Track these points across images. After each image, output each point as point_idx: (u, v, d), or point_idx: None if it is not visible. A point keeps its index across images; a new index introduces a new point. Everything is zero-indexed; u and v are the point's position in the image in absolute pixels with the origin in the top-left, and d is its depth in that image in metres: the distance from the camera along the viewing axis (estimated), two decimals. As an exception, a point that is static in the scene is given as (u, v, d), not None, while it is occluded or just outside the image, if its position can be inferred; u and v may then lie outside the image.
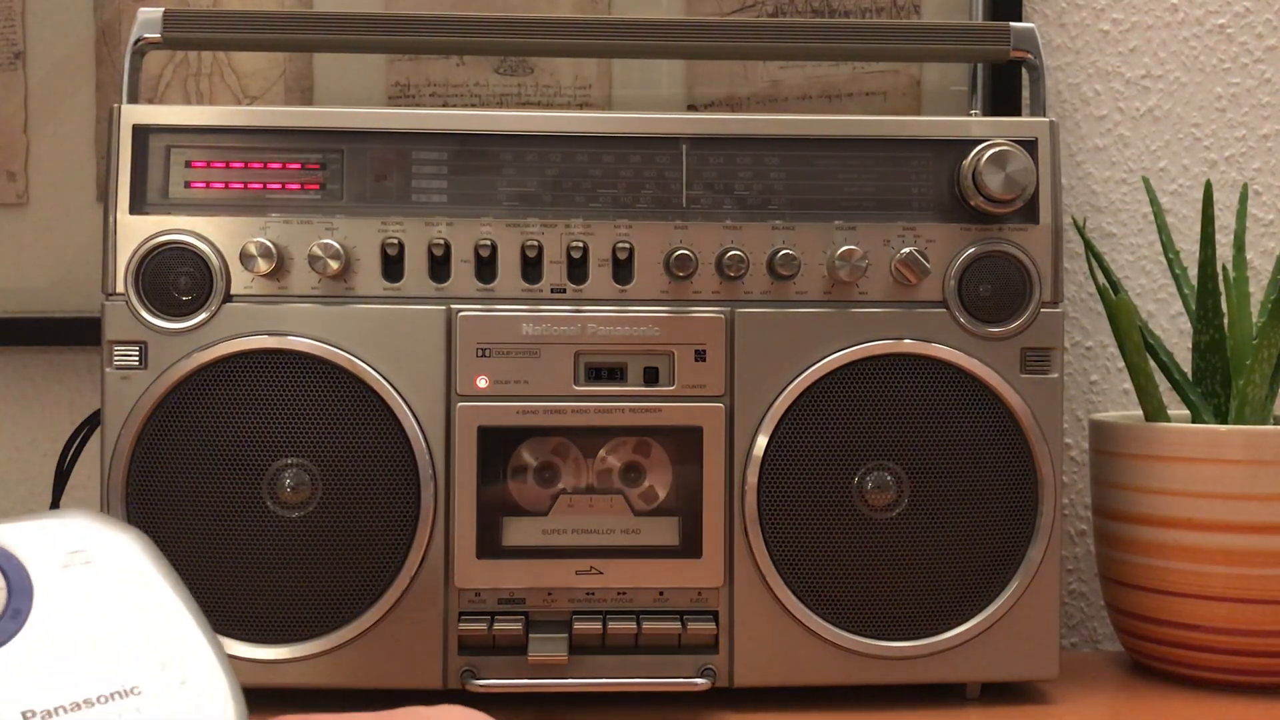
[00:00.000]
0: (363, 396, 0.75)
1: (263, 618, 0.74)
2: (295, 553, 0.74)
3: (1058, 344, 0.78)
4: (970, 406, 0.77)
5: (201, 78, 0.99)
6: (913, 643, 0.77)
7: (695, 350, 0.76)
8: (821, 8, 1.00)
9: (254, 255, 0.74)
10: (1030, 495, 0.77)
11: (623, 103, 1.00)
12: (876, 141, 0.78)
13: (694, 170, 0.77)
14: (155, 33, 0.80)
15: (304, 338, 0.75)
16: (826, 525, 0.76)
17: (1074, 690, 0.81)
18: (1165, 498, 0.81)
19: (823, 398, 0.76)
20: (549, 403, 0.76)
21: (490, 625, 0.75)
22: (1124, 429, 0.84)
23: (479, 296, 0.76)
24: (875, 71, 1.00)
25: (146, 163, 0.76)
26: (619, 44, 0.84)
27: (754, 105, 1.00)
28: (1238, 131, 1.02)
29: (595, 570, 0.76)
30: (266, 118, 0.77)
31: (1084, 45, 1.02)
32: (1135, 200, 1.02)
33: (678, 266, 0.75)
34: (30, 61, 0.99)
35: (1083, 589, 1.02)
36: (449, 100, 0.99)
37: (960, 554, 0.77)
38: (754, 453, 0.76)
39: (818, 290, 0.77)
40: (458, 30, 0.81)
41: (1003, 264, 0.77)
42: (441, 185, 0.77)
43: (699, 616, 0.76)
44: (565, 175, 0.77)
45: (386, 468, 0.74)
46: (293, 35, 0.82)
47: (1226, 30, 1.02)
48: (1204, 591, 0.80)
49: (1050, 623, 0.77)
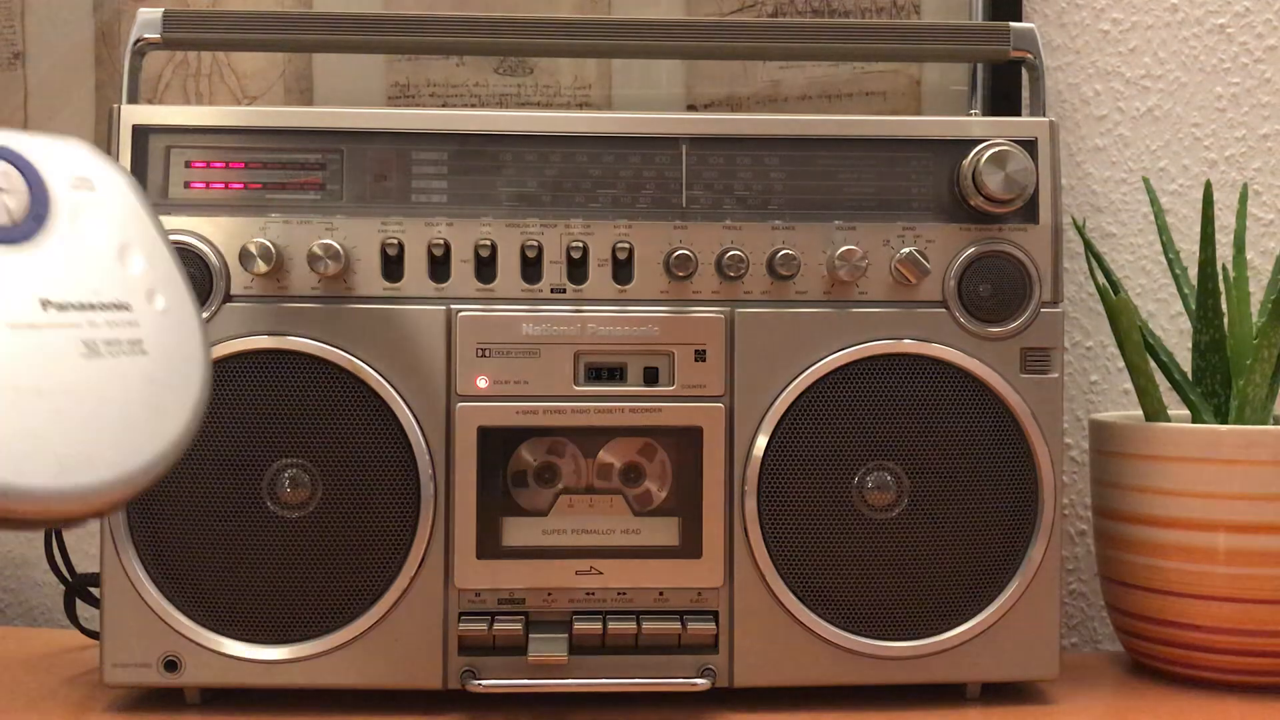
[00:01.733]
0: (363, 396, 0.75)
1: (263, 618, 0.74)
2: (295, 553, 0.74)
3: (1058, 344, 0.78)
4: (970, 406, 0.77)
5: (201, 78, 0.99)
6: (913, 643, 0.77)
7: (695, 350, 0.76)
8: (821, 8, 1.00)
9: (254, 255, 0.74)
10: (1030, 495, 0.77)
11: (623, 103, 1.00)
12: (876, 141, 0.78)
13: (694, 170, 0.77)
14: (155, 33, 0.80)
15: (304, 338, 0.75)
16: (826, 525, 0.76)
17: (1074, 690, 0.81)
18: (1165, 498, 0.81)
19: (823, 398, 0.76)
20: (549, 403, 0.76)
21: (490, 625, 0.75)
22: (1124, 429, 0.84)
23: (479, 296, 0.76)
24: (875, 71, 1.00)
25: (146, 163, 0.76)
26: (619, 44, 0.84)
27: (754, 105, 1.00)
28: (1238, 131, 1.02)
29: (595, 570, 0.76)
30: (266, 118, 0.77)
31: (1084, 45, 1.02)
32: (1135, 200, 1.02)
33: (678, 266, 0.76)
34: (30, 61, 0.99)
35: (1083, 589, 1.02)
36: (449, 100, 0.99)
37: (960, 554, 0.77)
38: (754, 453, 0.76)
39: (818, 290, 0.77)
40: (458, 30, 0.81)
41: (1003, 264, 0.77)
42: (441, 185, 0.77)
43: (699, 616, 0.76)
44: (565, 175, 0.77)
45: (386, 468, 0.74)
46: (293, 35, 0.82)
47: (1226, 30, 1.02)
48: (1204, 591, 0.80)
49: (1050, 623, 0.77)
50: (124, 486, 0.50)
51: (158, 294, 0.55)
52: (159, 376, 0.53)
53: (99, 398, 0.50)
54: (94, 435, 0.50)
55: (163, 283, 0.56)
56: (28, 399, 0.48)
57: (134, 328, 0.53)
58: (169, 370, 0.54)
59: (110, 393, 0.51)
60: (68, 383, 0.49)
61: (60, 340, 0.50)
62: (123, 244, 0.55)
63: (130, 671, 0.74)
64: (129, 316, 0.53)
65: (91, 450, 0.49)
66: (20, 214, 0.51)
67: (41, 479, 0.47)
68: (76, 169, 0.54)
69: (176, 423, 0.54)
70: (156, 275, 0.55)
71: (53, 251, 0.51)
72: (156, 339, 0.54)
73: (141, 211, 0.57)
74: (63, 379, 0.49)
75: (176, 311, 0.56)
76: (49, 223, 0.52)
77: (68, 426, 0.49)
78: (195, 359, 0.56)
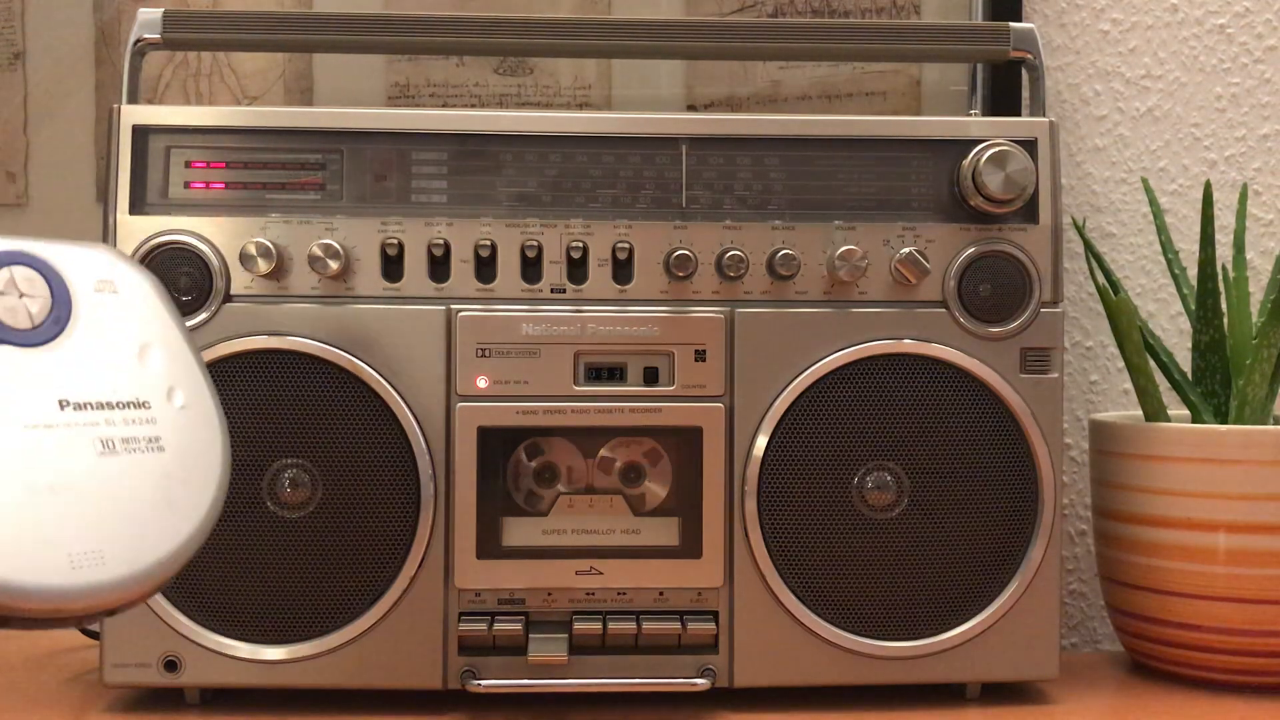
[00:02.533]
0: (363, 396, 0.75)
1: (263, 618, 0.74)
2: (295, 553, 0.74)
3: (1058, 344, 0.78)
4: (970, 406, 0.77)
5: (201, 78, 0.99)
6: (913, 643, 0.77)
7: (695, 350, 0.76)
8: (821, 8, 1.00)
9: (254, 255, 0.74)
10: (1030, 495, 0.77)
11: (622, 103, 1.00)
12: (876, 141, 0.78)
13: (694, 170, 0.77)
14: (155, 33, 0.80)
15: (304, 338, 0.75)
16: (826, 525, 0.76)
17: (1074, 690, 0.81)
18: (1165, 498, 0.81)
19: (823, 398, 0.76)
20: (549, 403, 0.76)
21: (490, 625, 0.75)
22: (1124, 429, 0.84)
23: (479, 296, 0.76)
24: (875, 72, 1.00)
25: (146, 163, 0.76)
26: (619, 44, 0.84)
27: (754, 105, 1.00)
28: (1238, 131, 1.02)
29: (595, 570, 0.76)
30: (266, 118, 0.77)
31: (1084, 45, 1.02)
32: (1135, 200, 1.02)
33: (677, 266, 0.76)
34: (30, 61, 0.99)
35: (1083, 589, 1.02)
36: (449, 100, 0.99)
37: (960, 554, 0.77)
38: (754, 453, 0.76)
39: (817, 290, 0.77)
40: (458, 30, 0.81)
41: (1002, 264, 0.77)
42: (441, 185, 0.77)
43: (699, 616, 0.76)
44: (565, 175, 0.77)
45: (386, 468, 0.74)
46: (293, 35, 0.82)
47: (1226, 30, 1.02)
48: (1204, 591, 0.80)
49: (1050, 623, 0.77)
50: (137, 583, 0.51)
51: (177, 391, 0.56)
52: (176, 472, 0.55)
53: (113, 495, 0.52)
54: (108, 532, 0.51)
55: (183, 380, 0.57)
56: (40, 497, 0.49)
57: (152, 425, 0.54)
58: (186, 466, 0.55)
59: (125, 490, 0.52)
60: (82, 480, 0.51)
61: (76, 438, 0.51)
62: (143, 343, 0.56)
63: (130, 671, 0.74)
64: (147, 414, 0.54)
65: (105, 547, 0.50)
66: (41, 317, 0.53)
67: (53, 577, 0.48)
68: (100, 273, 0.56)
69: (192, 519, 0.55)
70: (176, 373, 0.57)
71: (72, 352, 0.53)
72: (175, 436, 0.55)
73: (163, 310, 0.58)
74: (77, 477, 0.51)
75: (196, 408, 0.57)
76: (70, 325, 0.54)
77: (81, 524, 0.50)
78: (214, 454, 0.57)
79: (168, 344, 0.57)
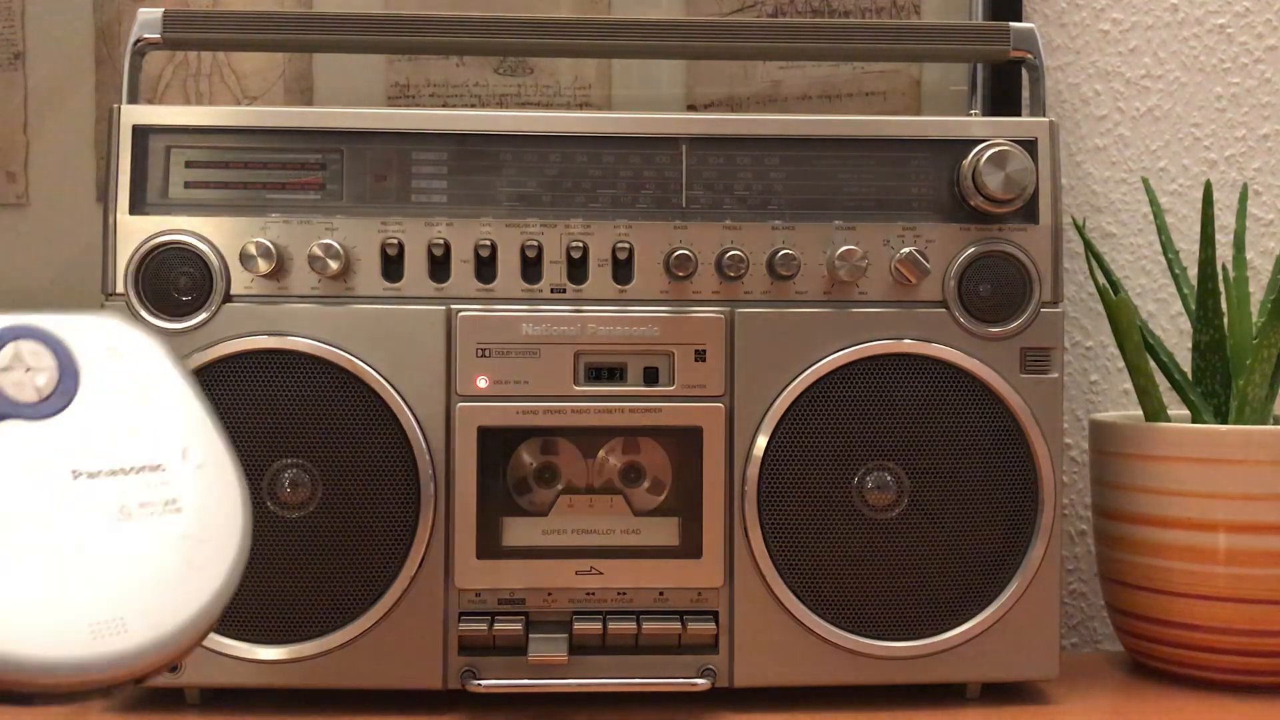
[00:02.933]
0: (363, 396, 0.75)
1: (262, 618, 0.74)
2: (295, 553, 0.74)
3: (1058, 344, 0.78)
4: (970, 406, 0.77)
5: (201, 78, 0.99)
6: (913, 643, 0.77)
7: (695, 350, 0.76)
8: (821, 8, 1.00)
9: (254, 255, 0.74)
10: (1030, 495, 0.77)
11: (623, 103, 1.00)
12: (876, 141, 0.78)
13: (694, 170, 0.77)
14: (155, 33, 0.80)
15: (304, 338, 0.75)
16: (826, 525, 0.76)
17: (1074, 690, 0.81)
18: (1165, 498, 0.81)
19: (823, 398, 0.76)
20: (549, 403, 0.76)
21: (490, 625, 0.75)
22: (1124, 429, 0.84)
23: (479, 296, 0.76)
24: (875, 72, 1.00)
25: (146, 163, 0.76)
26: (619, 44, 0.84)
27: (754, 105, 1.00)
28: (1238, 131, 1.02)
29: (595, 570, 0.76)
30: (266, 118, 0.77)
31: (1084, 45, 1.02)
32: (1135, 200, 1.02)
33: (677, 266, 0.76)
34: (30, 61, 0.99)
35: (1083, 589, 1.02)
36: (449, 100, 0.99)
37: (960, 554, 0.77)
38: (754, 453, 0.76)
39: (817, 290, 0.77)
40: (458, 30, 0.81)
41: (1003, 264, 0.77)
42: (441, 185, 0.77)
43: (699, 616, 0.76)
44: (565, 175, 0.77)
45: (386, 468, 0.74)
46: (293, 35, 0.82)
47: (1226, 30, 1.02)
48: (1204, 591, 0.80)
49: (1050, 623, 0.77)
50: (162, 648, 0.51)
51: (192, 450, 0.56)
52: (195, 532, 0.54)
53: (132, 560, 0.52)
54: (128, 598, 0.51)
55: (196, 438, 0.56)
56: (57, 568, 0.49)
57: (168, 487, 0.54)
58: (206, 525, 0.55)
59: (143, 554, 0.52)
60: (98, 548, 0.51)
61: (90, 507, 0.51)
62: (155, 407, 0.56)
63: (130, 671, 0.74)
64: (162, 477, 0.54)
65: (126, 614, 0.50)
66: (49, 389, 0.53)
67: (74, 649, 0.48)
68: (107, 341, 0.56)
69: (215, 578, 0.54)
70: (190, 433, 0.56)
71: (82, 422, 0.53)
72: (192, 495, 0.55)
73: (172, 370, 0.58)
74: (93, 545, 0.51)
75: (212, 465, 0.56)
76: (78, 395, 0.54)
77: (100, 593, 0.50)
78: (234, 510, 0.56)
79: (179, 405, 0.57)
